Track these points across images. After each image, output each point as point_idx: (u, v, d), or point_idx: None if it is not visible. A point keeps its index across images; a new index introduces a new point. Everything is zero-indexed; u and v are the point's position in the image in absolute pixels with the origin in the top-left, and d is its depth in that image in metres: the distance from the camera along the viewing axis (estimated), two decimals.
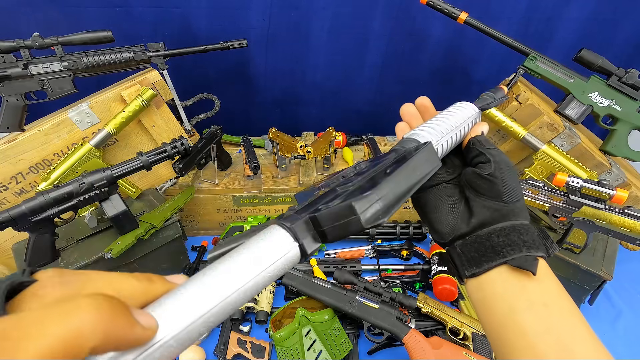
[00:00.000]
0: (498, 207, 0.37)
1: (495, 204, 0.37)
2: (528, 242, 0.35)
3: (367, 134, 1.24)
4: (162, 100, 0.93)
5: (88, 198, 0.75)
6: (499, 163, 0.38)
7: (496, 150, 0.39)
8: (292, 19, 1.13)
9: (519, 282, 0.34)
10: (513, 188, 0.37)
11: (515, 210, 0.37)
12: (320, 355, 0.75)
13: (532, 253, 0.35)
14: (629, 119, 0.95)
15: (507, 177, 0.37)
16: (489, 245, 0.36)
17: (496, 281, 0.35)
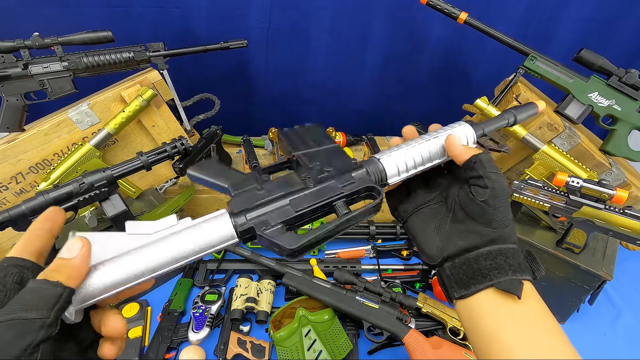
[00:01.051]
0: (487, 232, 0.38)
1: (484, 229, 0.38)
2: (514, 266, 0.36)
3: (367, 134, 1.24)
4: (162, 100, 0.93)
5: (88, 198, 0.75)
6: (496, 190, 0.38)
7: (496, 175, 0.39)
8: (292, 19, 1.13)
9: (505, 303, 0.36)
10: (504, 215, 0.38)
11: (504, 235, 0.38)
12: (320, 355, 0.75)
13: (518, 277, 0.36)
14: (629, 119, 0.95)
15: (500, 204, 0.38)
16: (477, 268, 0.37)
17: (483, 302, 0.37)
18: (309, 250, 0.33)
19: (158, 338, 0.80)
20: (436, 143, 0.44)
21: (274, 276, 0.92)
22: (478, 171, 0.39)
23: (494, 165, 0.40)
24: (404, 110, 1.35)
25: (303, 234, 0.33)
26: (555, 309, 0.89)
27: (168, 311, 0.85)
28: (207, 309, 0.83)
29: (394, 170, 0.41)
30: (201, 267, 0.96)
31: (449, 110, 1.26)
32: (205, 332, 0.80)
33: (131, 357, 0.76)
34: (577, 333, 0.87)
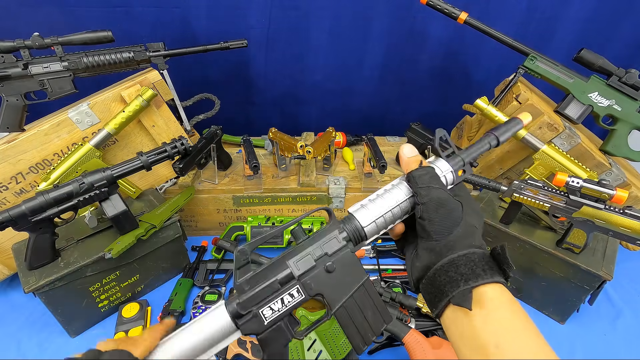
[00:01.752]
0: (432, 247, 0.37)
1: (430, 244, 0.38)
2: (466, 274, 0.35)
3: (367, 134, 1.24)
4: (162, 100, 0.93)
5: (88, 198, 0.75)
6: (427, 204, 0.38)
7: (425, 189, 0.38)
8: (292, 19, 1.13)
9: (468, 320, 0.34)
10: (440, 224, 0.37)
11: (449, 244, 0.37)
12: (320, 355, 0.75)
13: (470, 284, 0.34)
14: (629, 119, 0.95)
15: (434, 215, 0.37)
16: (437, 285, 0.36)
17: (450, 320, 0.36)
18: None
19: None
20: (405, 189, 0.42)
21: None
22: (412, 189, 0.39)
23: (427, 179, 0.39)
24: (404, 110, 1.35)
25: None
26: (555, 309, 0.89)
27: (168, 311, 0.85)
28: (207, 309, 0.83)
29: (373, 229, 0.42)
30: (201, 267, 0.96)
31: (449, 110, 1.27)
32: None
33: None
34: (577, 333, 0.87)
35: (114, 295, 0.86)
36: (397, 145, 1.27)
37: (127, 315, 0.84)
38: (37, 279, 0.75)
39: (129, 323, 0.83)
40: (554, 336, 0.86)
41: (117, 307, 0.87)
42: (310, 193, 1.03)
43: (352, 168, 1.12)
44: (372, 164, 1.01)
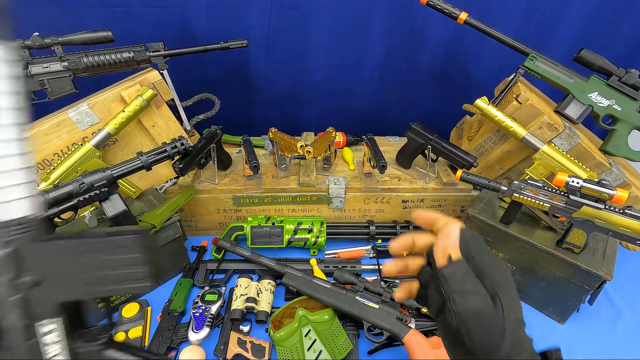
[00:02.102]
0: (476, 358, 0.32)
1: (472, 355, 0.32)
2: None
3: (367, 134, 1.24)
4: (162, 100, 0.93)
5: (88, 198, 0.75)
6: (463, 316, 0.32)
7: (461, 296, 0.32)
8: (292, 19, 1.13)
9: None
10: (481, 342, 0.32)
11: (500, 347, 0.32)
12: (320, 355, 0.75)
13: None
14: (629, 119, 0.95)
15: (473, 329, 0.32)
16: None
17: None
18: None
19: (158, 338, 0.80)
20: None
21: (274, 276, 0.92)
22: (444, 291, 0.33)
23: (461, 277, 0.33)
24: (404, 110, 1.35)
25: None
26: (555, 309, 0.89)
27: (168, 311, 0.85)
28: (207, 309, 0.83)
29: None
30: (201, 267, 0.96)
31: (449, 110, 1.27)
32: (205, 332, 0.80)
33: None
34: (577, 333, 0.87)
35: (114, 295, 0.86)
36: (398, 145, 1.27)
37: (127, 315, 0.84)
38: None
39: (129, 323, 0.83)
40: (554, 336, 0.86)
41: (117, 307, 0.87)
42: (310, 193, 1.03)
43: (352, 168, 1.12)
44: (372, 164, 1.01)
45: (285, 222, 1.01)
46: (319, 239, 1.00)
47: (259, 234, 1.00)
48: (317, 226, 1.01)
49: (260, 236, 1.00)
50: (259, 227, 1.00)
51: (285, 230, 1.00)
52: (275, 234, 1.00)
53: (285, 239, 1.00)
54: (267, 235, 1.00)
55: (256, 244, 1.00)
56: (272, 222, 1.02)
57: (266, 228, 1.00)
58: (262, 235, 1.00)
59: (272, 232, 1.00)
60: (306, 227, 1.01)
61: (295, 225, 1.01)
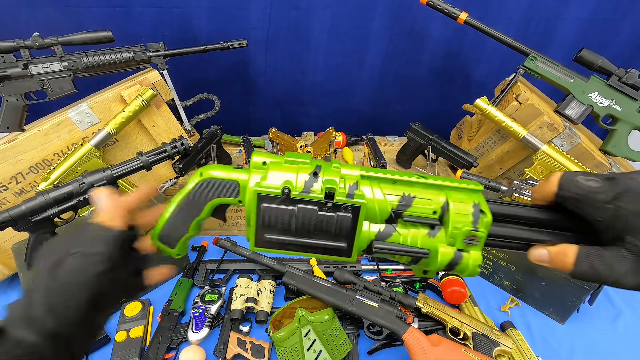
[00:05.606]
0: None
1: None
2: None
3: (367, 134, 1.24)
4: (162, 100, 0.93)
5: (88, 198, 0.75)
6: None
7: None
8: (292, 19, 1.13)
9: None
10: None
11: None
12: (320, 355, 0.75)
13: None
14: (629, 119, 0.95)
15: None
16: None
17: None
18: None
19: (158, 338, 0.80)
20: None
21: (274, 276, 0.92)
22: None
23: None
24: (404, 110, 1.35)
25: None
26: (556, 309, 0.89)
27: (168, 311, 0.85)
28: (207, 309, 0.83)
29: None
30: (201, 267, 0.96)
31: (449, 110, 1.27)
32: (205, 332, 0.80)
33: (131, 357, 0.76)
34: (577, 333, 0.87)
35: None
36: (398, 145, 1.27)
37: (130, 314, 0.84)
38: None
39: (131, 322, 0.83)
40: (554, 336, 0.86)
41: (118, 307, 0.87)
42: None
43: None
44: (372, 164, 1.01)
45: None
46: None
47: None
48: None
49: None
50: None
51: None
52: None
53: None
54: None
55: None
56: None
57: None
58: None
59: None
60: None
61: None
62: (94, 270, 0.30)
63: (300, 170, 0.33)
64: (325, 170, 0.33)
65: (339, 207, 0.33)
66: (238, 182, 0.35)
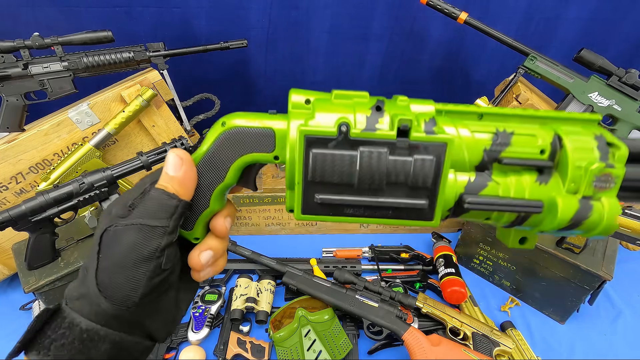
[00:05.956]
0: None
1: None
2: None
3: None
4: (162, 100, 0.93)
5: (88, 198, 0.75)
6: None
7: None
8: (292, 19, 1.13)
9: None
10: None
11: None
12: (320, 355, 0.75)
13: None
14: (629, 119, 0.95)
15: None
16: None
17: None
18: None
19: None
20: None
21: (274, 276, 0.92)
22: None
23: None
24: None
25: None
26: (556, 309, 0.89)
27: None
28: (207, 309, 0.83)
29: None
30: None
31: None
32: (205, 332, 0.80)
33: None
34: (577, 333, 0.87)
35: None
36: None
37: None
38: (37, 279, 0.75)
39: None
40: (554, 336, 0.86)
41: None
42: None
43: None
44: None
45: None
46: None
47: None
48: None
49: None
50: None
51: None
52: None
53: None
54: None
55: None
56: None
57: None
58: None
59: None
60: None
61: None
62: (156, 244, 0.25)
63: (358, 106, 0.25)
64: (391, 105, 0.26)
65: (417, 149, 0.24)
66: (273, 130, 0.26)
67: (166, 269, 0.26)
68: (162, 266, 0.26)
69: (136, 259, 0.25)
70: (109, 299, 0.25)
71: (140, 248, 0.25)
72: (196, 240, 0.30)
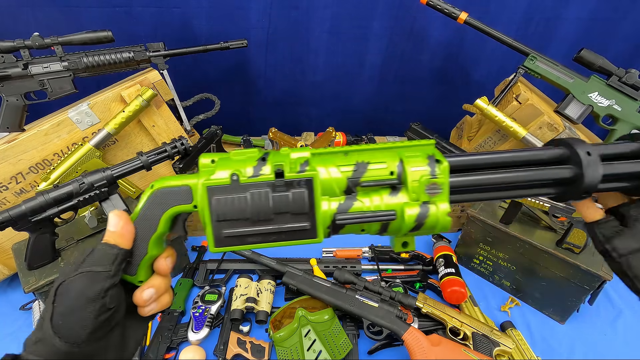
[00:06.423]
0: None
1: None
2: None
3: (367, 134, 1.24)
4: (162, 100, 0.93)
5: (88, 198, 0.75)
6: None
7: None
8: (292, 19, 1.13)
9: None
10: None
11: None
12: (319, 355, 0.75)
13: None
14: (629, 119, 0.95)
15: None
16: None
17: None
18: None
19: (158, 338, 0.80)
20: None
21: (274, 276, 0.92)
22: None
23: None
24: (404, 110, 1.35)
25: None
26: (556, 309, 0.89)
27: (168, 311, 0.85)
28: (207, 309, 0.83)
29: None
30: (201, 267, 0.96)
31: (449, 110, 1.27)
32: (205, 332, 0.80)
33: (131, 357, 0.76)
34: (577, 333, 0.87)
35: None
36: None
37: None
38: (37, 279, 0.75)
39: None
40: (554, 336, 0.86)
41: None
42: None
43: None
44: None
45: None
46: None
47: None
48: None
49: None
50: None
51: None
52: None
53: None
54: None
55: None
56: None
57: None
58: None
59: None
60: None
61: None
62: (100, 287, 0.30)
63: (248, 160, 0.33)
64: (274, 156, 0.33)
65: (292, 185, 0.32)
66: (190, 186, 0.34)
67: (111, 307, 0.31)
68: (107, 305, 0.30)
69: (84, 301, 0.30)
70: (62, 338, 0.29)
71: (87, 291, 0.30)
72: (140, 282, 0.35)
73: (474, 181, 0.34)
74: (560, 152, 0.34)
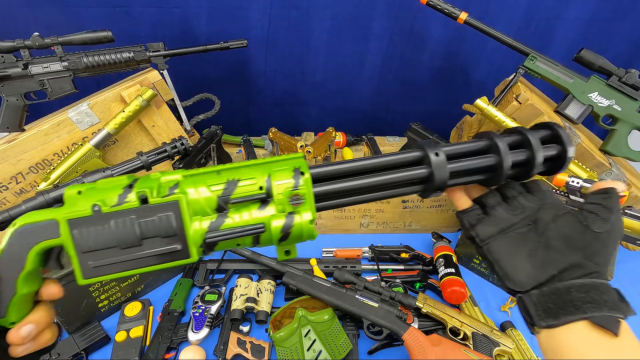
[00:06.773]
0: (586, 265, 0.37)
1: (584, 261, 0.37)
2: (609, 303, 0.35)
3: (367, 134, 1.24)
4: (162, 100, 0.93)
5: None
6: (615, 228, 0.38)
7: (617, 215, 0.38)
8: (292, 19, 1.13)
9: (599, 338, 0.34)
10: (609, 254, 0.38)
11: (602, 272, 0.37)
12: (319, 355, 0.75)
13: (614, 314, 0.35)
14: (629, 119, 0.95)
15: (611, 243, 0.38)
16: (568, 299, 0.36)
17: (573, 335, 0.35)
18: None
19: (158, 338, 0.80)
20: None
21: (274, 276, 0.92)
22: (605, 205, 0.38)
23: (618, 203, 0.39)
24: (404, 110, 1.35)
25: None
26: None
27: (168, 311, 0.85)
28: (207, 309, 0.83)
29: None
30: (201, 267, 0.96)
31: (449, 110, 1.27)
32: (205, 332, 0.80)
33: (131, 357, 0.76)
34: None
35: (114, 295, 0.86)
36: (397, 145, 1.27)
37: (130, 314, 0.84)
38: None
39: (131, 322, 0.83)
40: None
41: (117, 307, 0.87)
42: None
43: None
44: None
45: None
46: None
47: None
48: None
49: None
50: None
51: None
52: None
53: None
54: None
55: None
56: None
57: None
58: None
59: None
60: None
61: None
62: None
63: (114, 188, 0.32)
64: (143, 181, 0.33)
65: (158, 209, 0.32)
66: (56, 219, 0.32)
67: None
68: None
69: None
70: None
71: None
72: (12, 324, 0.33)
73: (337, 188, 0.36)
74: (418, 155, 0.38)
